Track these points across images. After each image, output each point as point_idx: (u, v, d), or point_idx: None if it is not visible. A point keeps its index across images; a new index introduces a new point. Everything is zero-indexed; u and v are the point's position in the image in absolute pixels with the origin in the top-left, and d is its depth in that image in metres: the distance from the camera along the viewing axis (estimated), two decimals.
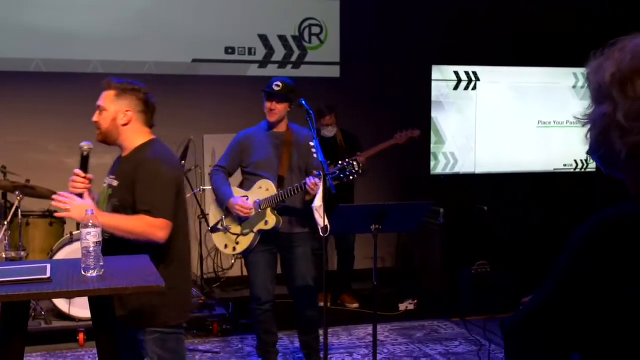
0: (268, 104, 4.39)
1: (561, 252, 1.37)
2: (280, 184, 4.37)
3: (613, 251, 1.27)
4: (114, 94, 3.28)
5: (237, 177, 4.71)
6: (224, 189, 4.45)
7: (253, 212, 4.36)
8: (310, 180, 4.08)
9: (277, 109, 4.38)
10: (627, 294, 1.25)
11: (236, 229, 4.47)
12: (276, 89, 4.36)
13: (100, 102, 3.27)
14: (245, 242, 4.44)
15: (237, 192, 4.48)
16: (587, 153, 1.42)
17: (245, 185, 4.54)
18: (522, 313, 1.43)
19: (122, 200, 3.08)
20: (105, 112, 3.24)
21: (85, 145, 3.18)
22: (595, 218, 1.32)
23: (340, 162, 3.96)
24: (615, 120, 1.30)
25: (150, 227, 2.94)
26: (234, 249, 4.50)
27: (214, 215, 4.63)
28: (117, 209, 3.08)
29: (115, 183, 3.16)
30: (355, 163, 3.92)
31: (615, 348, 1.30)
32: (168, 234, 2.99)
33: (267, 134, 4.48)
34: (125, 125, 3.22)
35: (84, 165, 3.16)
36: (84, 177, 3.11)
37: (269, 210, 4.35)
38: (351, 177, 3.94)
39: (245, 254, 4.49)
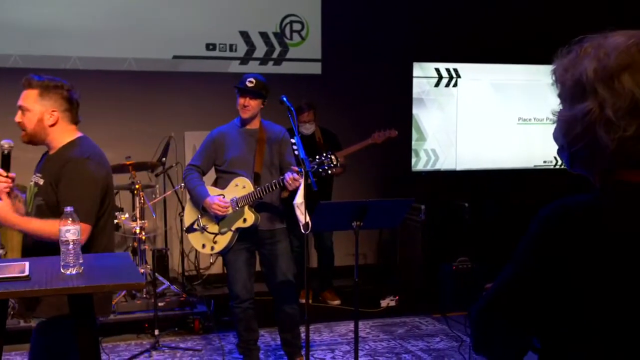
0: (242, 100, 4.39)
1: (522, 237, 1.42)
2: (256, 181, 4.36)
3: (568, 237, 1.32)
4: (36, 93, 3.16)
5: (210, 175, 4.68)
6: (200, 189, 4.43)
7: (230, 211, 4.35)
8: (288, 176, 4.07)
9: (251, 105, 4.38)
10: (580, 277, 1.31)
11: (213, 228, 4.45)
12: (249, 85, 4.37)
13: (21, 102, 3.14)
14: (223, 241, 4.42)
15: (212, 190, 4.45)
16: (563, 149, 1.46)
17: (220, 183, 4.52)
18: (485, 297, 1.48)
19: (47, 200, 3.02)
20: (29, 112, 3.11)
21: (5, 143, 3.05)
22: (553, 205, 1.37)
23: (317, 157, 3.97)
24: (603, 115, 1.33)
25: None
26: (212, 248, 4.48)
27: (189, 215, 4.60)
28: (41, 208, 3.02)
29: (41, 181, 3.09)
30: (332, 157, 3.94)
31: (571, 330, 1.35)
32: (87, 238, 2.92)
33: (241, 130, 4.47)
34: (52, 125, 3.13)
35: (6, 164, 3.04)
36: (6, 177, 3.02)
37: (246, 207, 4.34)
38: (329, 172, 3.96)
39: (224, 252, 4.47)
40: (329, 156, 3.94)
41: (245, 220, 4.35)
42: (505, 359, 1.56)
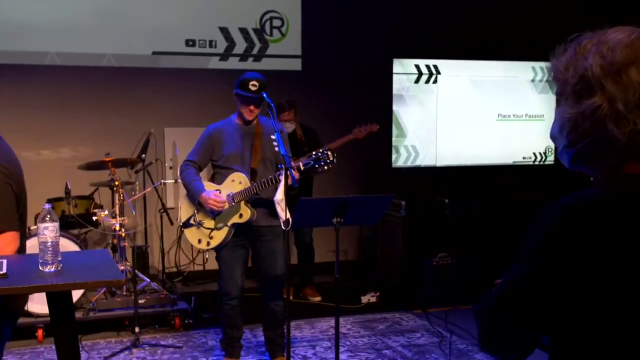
0: (247, 107, 4.34)
1: (526, 234, 1.41)
2: (253, 176, 4.35)
3: (580, 232, 1.32)
4: None
5: (207, 171, 4.68)
6: (196, 184, 4.42)
7: (226, 206, 4.34)
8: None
9: (256, 111, 4.39)
10: (595, 273, 1.30)
11: (209, 223, 4.44)
12: (253, 89, 4.31)
13: None
14: (219, 236, 4.41)
15: (209, 186, 4.45)
16: (566, 147, 1.44)
17: (216, 179, 4.51)
18: (492, 296, 1.47)
19: None
20: None
21: None
22: (560, 202, 1.37)
23: (314, 152, 3.95)
24: (613, 110, 1.34)
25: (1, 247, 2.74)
26: (208, 243, 4.46)
27: (185, 210, 4.59)
28: None
29: None
30: (329, 153, 3.90)
31: (581, 329, 1.35)
32: (18, 244, 2.83)
33: (237, 126, 4.45)
34: None
35: None
36: None
37: (242, 203, 4.32)
38: (325, 167, 3.93)
39: (219, 248, 4.46)
40: (325, 152, 3.91)
41: (241, 215, 4.33)
42: (512, 356, 1.55)
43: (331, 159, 3.90)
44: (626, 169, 1.38)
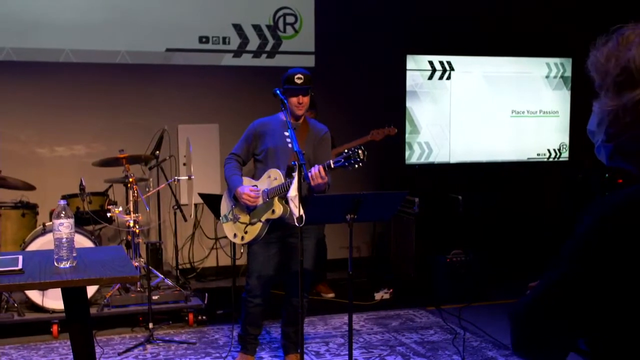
0: (295, 99, 4.33)
1: (569, 237, 1.37)
2: (288, 173, 4.33)
3: (628, 234, 1.27)
4: None
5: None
6: (234, 178, 4.41)
7: (260, 201, 4.33)
8: (314, 170, 4.01)
9: (305, 102, 4.36)
10: (632, 280, 1.27)
11: (245, 218, 4.43)
12: (299, 82, 4.30)
13: None
14: (253, 231, 4.39)
15: (247, 181, 4.44)
16: (604, 142, 1.40)
17: (256, 174, 4.50)
18: (529, 298, 1.43)
19: None
20: None
21: None
22: (602, 204, 1.33)
23: (345, 151, 3.93)
24: None
25: None
26: (243, 238, 4.44)
27: (224, 204, 4.59)
28: None
29: None
30: (360, 151, 3.84)
31: (622, 333, 1.31)
32: None
33: (283, 123, 4.38)
34: None
35: None
36: None
37: (276, 199, 4.30)
38: (356, 166, 3.90)
39: (253, 243, 4.44)
40: (356, 150, 3.87)
41: (273, 211, 4.30)
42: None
43: (362, 157, 3.85)
44: None
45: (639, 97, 1.31)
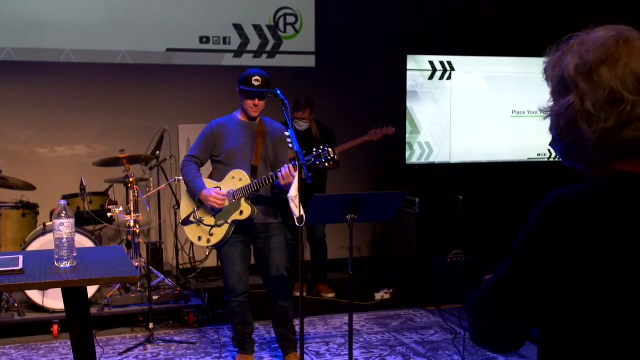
0: (251, 102, 4.33)
1: (521, 229, 1.44)
2: (253, 173, 4.35)
3: (569, 227, 1.34)
4: None
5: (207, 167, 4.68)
6: (197, 181, 4.42)
7: (227, 203, 4.34)
8: (284, 170, 4.06)
9: (260, 105, 4.36)
10: (583, 267, 1.32)
11: (210, 220, 4.44)
12: (256, 84, 4.29)
13: None
14: (219, 234, 4.41)
15: (209, 183, 4.44)
16: (550, 144, 1.50)
17: (215, 175, 4.50)
18: (483, 288, 1.51)
19: None
20: None
21: None
22: (548, 197, 1.40)
23: (315, 150, 3.95)
24: (583, 109, 1.37)
25: None
26: (208, 240, 4.46)
27: (185, 207, 4.59)
28: None
29: None
30: (329, 150, 3.91)
31: (571, 320, 1.36)
32: None
33: (240, 123, 4.44)
34: None
35: None
36: None
37: (243, 200, 4.33)
38: (326, 164, 3.94)
39: (220, 245, 4.46)
40: (326, 149, 3.92)
41: (242, 212, 4.34)
42: (503, 349, 1.60)
43: (332, 155, 3.89)
44: (614, 166, 1.40)
45: (569, 103, 1.40)
